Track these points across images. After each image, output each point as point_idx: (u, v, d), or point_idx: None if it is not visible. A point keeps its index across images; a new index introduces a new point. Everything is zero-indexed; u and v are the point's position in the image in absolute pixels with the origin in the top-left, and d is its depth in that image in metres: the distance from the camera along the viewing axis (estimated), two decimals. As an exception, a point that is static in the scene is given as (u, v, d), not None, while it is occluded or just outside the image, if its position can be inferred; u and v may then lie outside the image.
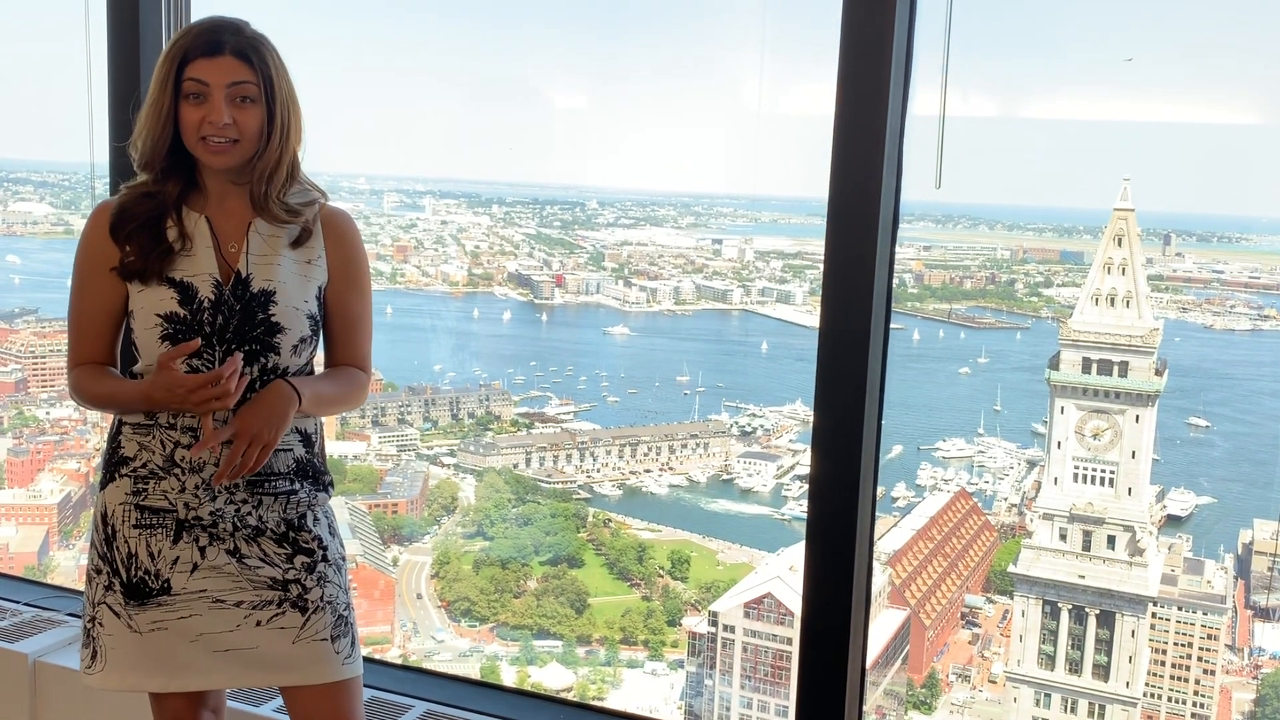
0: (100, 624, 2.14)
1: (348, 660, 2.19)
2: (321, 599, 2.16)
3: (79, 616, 3.48)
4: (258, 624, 2.12)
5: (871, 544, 2.69)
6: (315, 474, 2.21)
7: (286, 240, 2.13)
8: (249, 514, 2.11)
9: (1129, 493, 12.93)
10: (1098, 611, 12.91)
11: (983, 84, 16.60)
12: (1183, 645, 12.80)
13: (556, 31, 22.55)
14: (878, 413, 2.61)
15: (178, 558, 2.09)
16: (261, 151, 2.08)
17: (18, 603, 3.69)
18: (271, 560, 2.13)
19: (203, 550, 2.10)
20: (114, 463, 2.15)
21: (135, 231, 2.07)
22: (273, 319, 2.08)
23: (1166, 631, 12.86)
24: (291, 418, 2.03)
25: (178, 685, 2.15)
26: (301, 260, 2.14)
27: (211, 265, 2.08)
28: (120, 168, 2.18)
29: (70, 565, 14.53)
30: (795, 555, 14.26)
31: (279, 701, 2.87)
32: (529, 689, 11.79)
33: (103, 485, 2.17)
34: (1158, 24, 17.94)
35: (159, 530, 2.09)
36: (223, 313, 2.06)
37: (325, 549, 2.19)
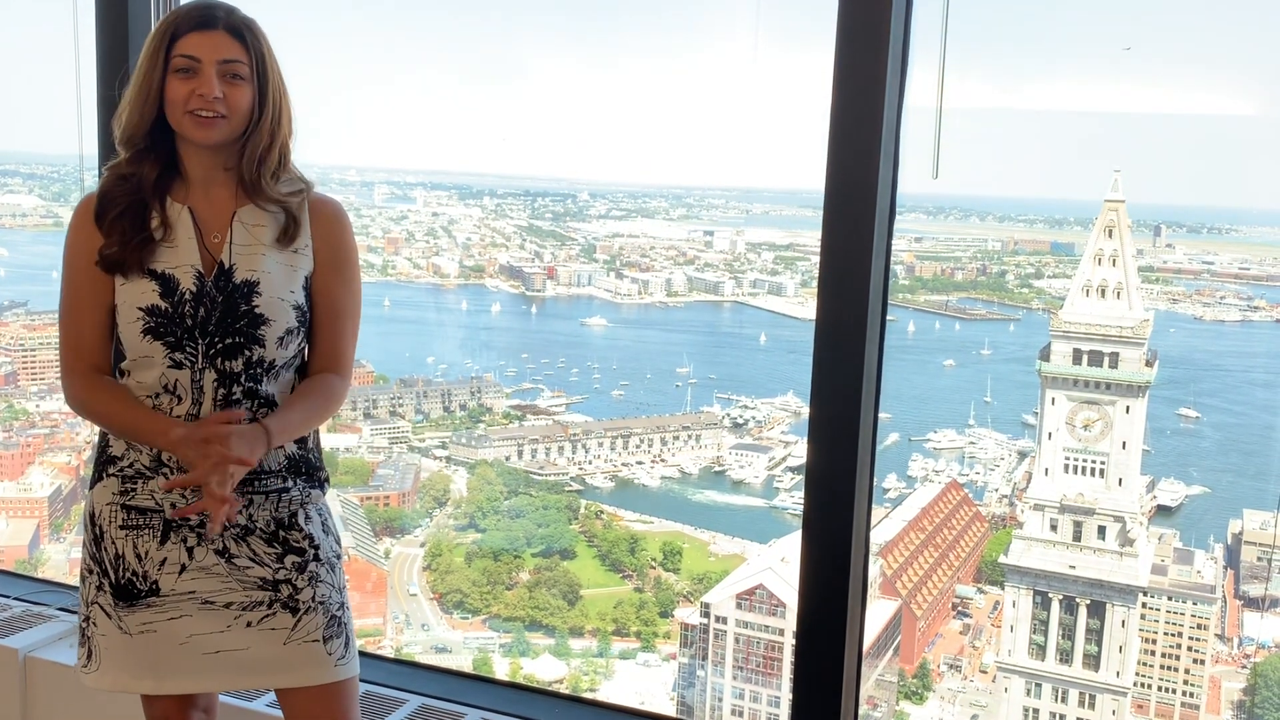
0: (94, 624, 2.12)
1: (340, 661, 2.15)
2: (313, 599, 2.12)
3: (70, 611, 3.46)
4: (248, 625, 2.09)
5: (868, 535, 2.68)
6: (310, 470, 2.17)
7: (272, 231, 2.09)
8: (238, 513, 2.08)
9: (1119, 483, 12.97)
10: (1088, 601, 12.96)
11: (976, 74, 16.61)
12: (1173, 635, 12.86)
13: (548, 22, 22.51)
14: (874, 404, 2.60)
15: (165, 559, 2.06)
16: (251, 132, 2.04)
17: (8, 597, 3.66)
18: (261, 560, 2.10)
19: (190, 551, 2.07)
20: (102, 462, 2.12)
21: (117, 219, 2.03)
22: (256, 310, 2.04)
23: (1157, 621, 12.92)
24: (259, 454, 1.97)
25: (167, 688, 2.13)
26: (288, 250, 2.10)
27: (194, 256, 2.04)
28: (110, 158, 2.14)
29: (61, 559, 14.49)
30: (787, 546, 14.29)
31: (272, 695, 2.87)
32: (522, 681, 11.80)
33: (91, 485, 2.14)
34: (1150, 15, 17.96)
35: (146, 531, 2.07)
36: (204, 305, 2.02)
37: (317, 548, 2.15)
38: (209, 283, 2.04)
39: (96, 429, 2.17)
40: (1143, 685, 12.94)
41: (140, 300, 2.02)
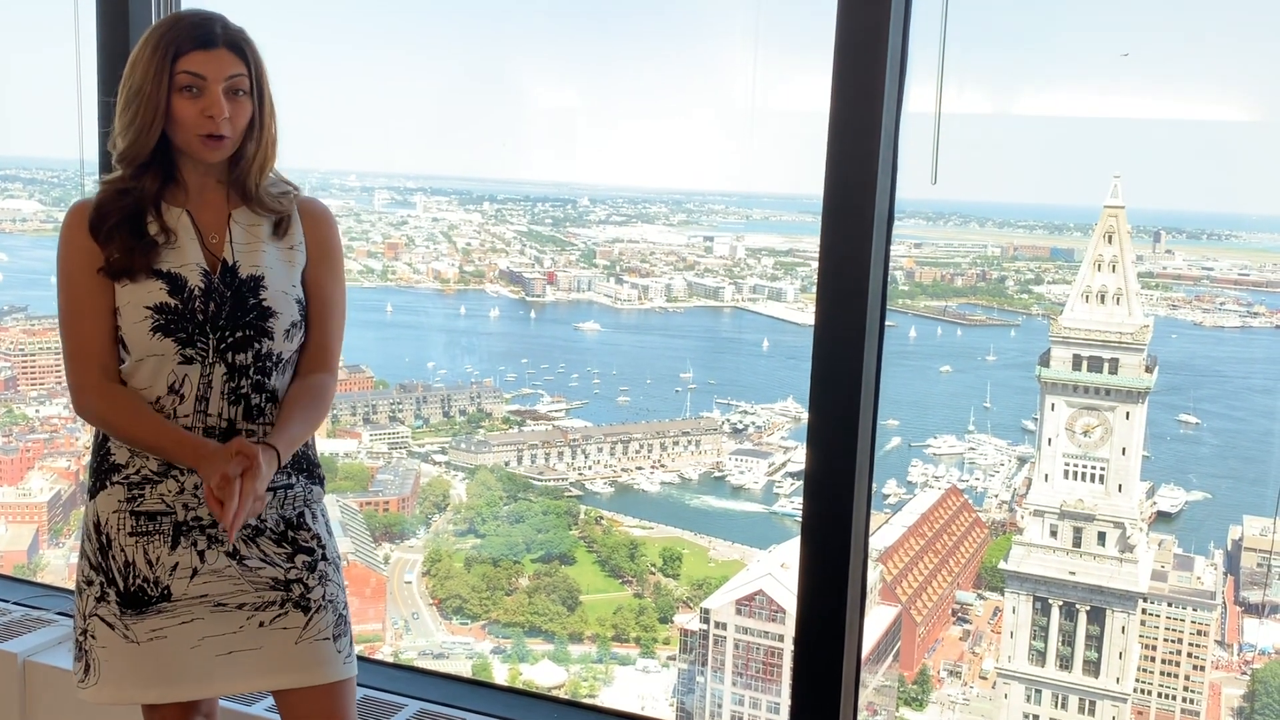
0: (93, 636, 2.09)
1: (348, 660, 2.19)
2: (323, 598, 2.15)
3: (69, 615, 3.46)
4: (260, 625, 2.11)
5: (866, 541, 2.68)
6: (309, 466, 2.20)
7: (267, 230, 2.14)
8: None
9: (1119, 489, 12.97)
10: (1088, 608, 12.94)
11: (975, 80, 16.63)
12: (1173, 641, 12.85)
13: (547, 27, 22.55)
14: (873, 410, 2.60)
15: (177, 564, 2.07)
16: (249, 142, 2.08)
17: (7, 602, 3.66)
18: (272, 560, 2.12)
19: (202, 554, 2.08)
20: (104, 470, 2.11)
21: (115, 229, 2.04)
22: (264, 303, 2.08)
23: (1157, 628, 12.91)
24: (271, 475, 2.00)
25: (176, 695, 2.12)
26: (284, 247, 2.15)
27: (198, 255, 2.07)
28: (110, 164, 2.15)
29: (60, 564, 14.48)
30: (787, 552, 14.27)
31: (271, 700, 2.86)
32: (521, 687, 11.78)
33: (93, 494, 2.13)
34: (1149, 21, 17.99)
35: (156, 536, 2.07)
36: (214, 300, 2.05)
37: (324, 547, 2.19)
38: (216, 279, 2.07)
39: (93, 435, 2.18)
40: (1142, 691, 12.92)
41: (148, 299, 2.04)
